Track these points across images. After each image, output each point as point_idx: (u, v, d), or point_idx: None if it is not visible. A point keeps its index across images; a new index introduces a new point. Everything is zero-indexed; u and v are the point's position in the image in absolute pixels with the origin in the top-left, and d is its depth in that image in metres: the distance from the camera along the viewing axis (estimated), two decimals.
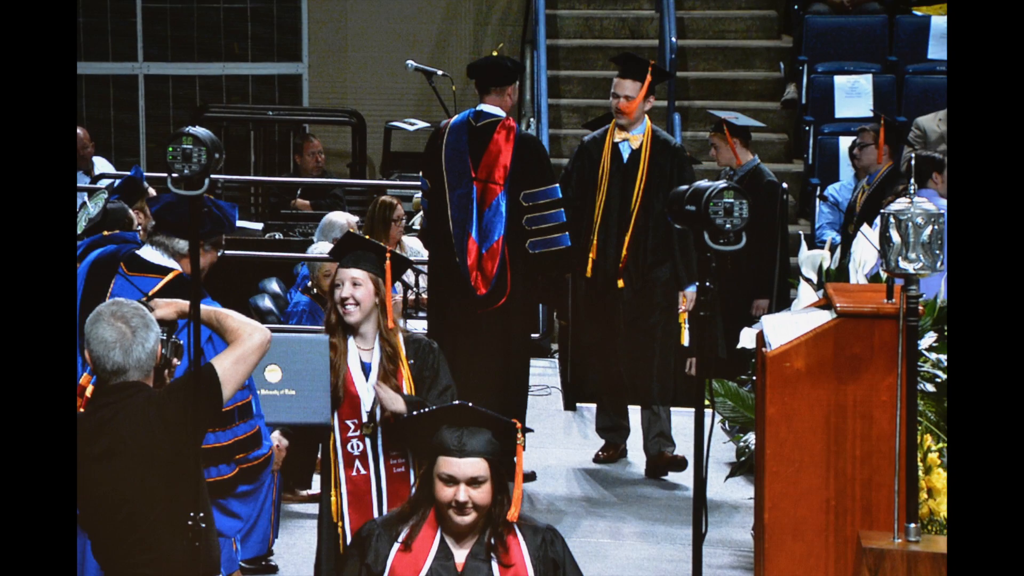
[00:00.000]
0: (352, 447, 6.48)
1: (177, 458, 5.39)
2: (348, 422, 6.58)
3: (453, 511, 5.34)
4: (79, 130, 13.38)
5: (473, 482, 5.34)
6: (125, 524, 5.40)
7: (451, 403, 5.74)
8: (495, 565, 5.39)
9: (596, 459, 9.60)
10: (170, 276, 6.57)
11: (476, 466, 5.35)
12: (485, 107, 9.03)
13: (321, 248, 10.62)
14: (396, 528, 5.45)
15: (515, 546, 5.42)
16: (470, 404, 5.50)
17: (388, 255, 6.58)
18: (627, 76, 9.21)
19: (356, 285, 6.52)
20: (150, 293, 6.42)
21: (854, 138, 11.90)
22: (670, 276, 9.19)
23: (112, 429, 5.38)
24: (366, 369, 6.57)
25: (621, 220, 9.17)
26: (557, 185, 9.11)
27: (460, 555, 5.40)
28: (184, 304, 5.68)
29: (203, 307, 5.62)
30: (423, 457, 5.56)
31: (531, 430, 5.63)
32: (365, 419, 6.57)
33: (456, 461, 5.35)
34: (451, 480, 5.34)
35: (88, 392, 5.60)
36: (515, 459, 5.43)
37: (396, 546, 5.42)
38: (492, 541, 5.39)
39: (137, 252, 6.72)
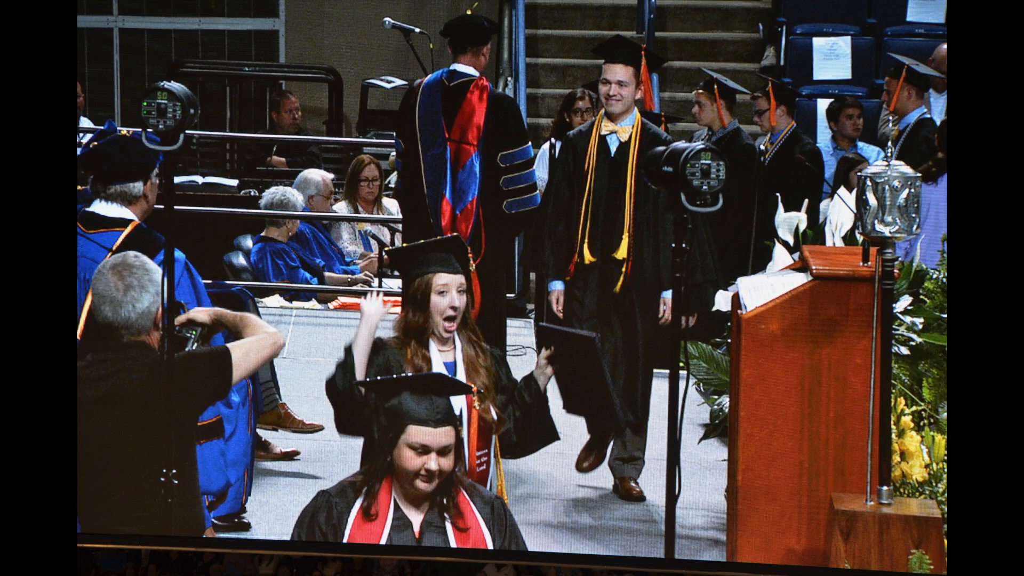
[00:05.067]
0: None
1: (175, 423, 5.42)
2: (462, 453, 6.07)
3: (420, 479, 5.35)
4: None
5: (444, 451, 5.36)
6: (115, 480, 5.42)
7: (427, 372, 5.71)
8: (450, 531, 5.42)
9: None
10: (130, 228, 6.60)
11: (449, 435, 5.37)
12: (459, 67, 8.98)
13: (277, 194, 10.64)
14: (351, 498, 5.46)
15: (468, 510, 5.45)
16: (444, 373, 5.51)
17: (471, 255, 6.40)
18: (618, 60, 8.38)
19: (462, 292, 6.24)
20: (113, 248, 6.44)
21: (831, 100, 11.92)
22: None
23: (116, 381, 5.40)
24: (449, 370, 6.24)
25: (609, 218, 8.40)
26: (530, 145, 9.05)
27: (416, 522, 5.42)
28: (221, 312, 5.75)
29: (229, 312, 5.71)
30: (388, 426, 5.51)
31: (481, 391, 5.64)
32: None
33: (431, 431, 5.35)
34: (424, 449, 5.34)
35: None
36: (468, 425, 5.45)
37: (354, 515, 5.43)
38: (445, 502, 5.41)
39: (89, 209, 6.73)
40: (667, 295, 8.32)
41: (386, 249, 6.77)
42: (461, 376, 6.20)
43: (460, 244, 6.34)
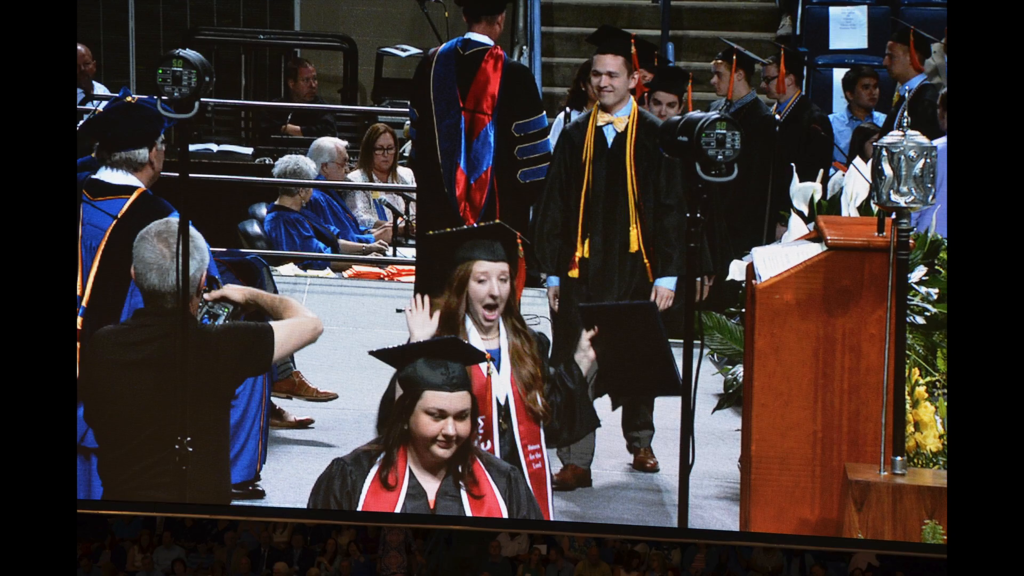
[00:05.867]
0: (482, 444, 6.05)
1: (213, 394, 5.48)
2: (479, 417, 5.98)
3: (438, 445, 5.37)
4: (80, 47, 13.27)
5: (460, 416, 5.38)
6: (147, 444, 5.48)
7: (440, 337, 5.73)
8: (465, 500, 5.45)
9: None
10: (135, 195, 6.62)
11: (464, 399, 5.40)
12: (473, 35, 8.97)
13: (291, 163, 10.64)
14: (366, 466, 5.49)
15: (483, 478, 5.47)
16: (454, 337, 5.53)
17: (520, 242, 6.23)
18: (607, 51, 8.27)
19: (504, 281, 6.17)
20: (119, 215, 6.47)
21: (847, 70, 11.90)
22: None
23: (159, 346, 5.45)
24: (494, 357, 6.14)
25: (609, 211, 8.27)
26: (544, 114, 9.02)
27: (431, 492, 5.45)
28: (257, 292, 5.85)
29: (266, 294, 5.78)
30: (404, 393, 5.51)
31: (493, 359, 5.65)
32: (496, 411, 6.14)
33: (447, 396, 5.38)
34: (441, 414, 5.37)
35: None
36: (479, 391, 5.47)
37: (368, 483, 5.46)
38: (460, 470, 5.44)
39: (95, 177, 6.75)
40: (661, 284, 8.21)
41: (428, 233, 6.65)
42: (506, 365, 6.16)
43: (505, 232, 6.25)
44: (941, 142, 8.35)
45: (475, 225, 6.46)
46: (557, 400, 6.21)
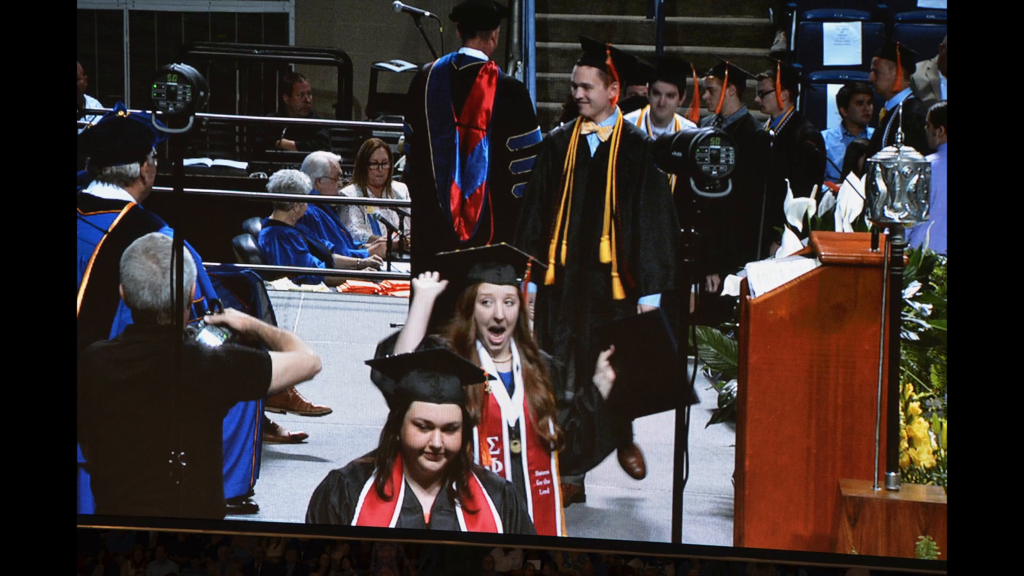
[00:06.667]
0: (492, 467, 6.07)
1: (206, 409, 5.48)
2: (489, 439, 6.10)
3: (425, 456, 5.38)
4: None
5: (448, 428, 5.39)
6: (140, 461, 5.48)
7: (431, 348, 5.74)
8: (460, 515, 5.45)
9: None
10: (125, 209, 6.62)
11: (452, 412, 5.40)
12: (468, 51, 8.98)
13: (285, 177, 10.64)
14: (362, 479, 5.49)
15: (478, 492, 5.47)
16: (449, 350, 5.53)
17: (529, 264, 6.23)
18: (582, 63, 8.28)
19: (511, 304, 6.15)
20: (110, 230, 6.46)
21: (841, 86, 11.92)
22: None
23: (152, 363, 5.44)
24: (504, 381, 6.17)
25: (587, 220, 8.25)
26: (539, 129, 9.04)
27: (427, 507, 5.45)
28: (258, 324, 5.81)
29: (268, 326, 5.76)
30: (395, 404, 5.54)
31: (494, 378, 5.64)
32: (507, 435, 6.13)
33: (433, 407, 5.38)
34: (427, 425, 5.38)
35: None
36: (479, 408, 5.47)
37: (364, 496, 5.46)
38: (455, 487, 5.44)
39: (85, 191, 6.75)
40: (644, 303, 8.16)
41: (438, 254, 6.59)
42: (519, 390, 6.15)
43: (511, 254, 6.23)
44: (931, 158, 8.39)
45: (484, 247, 6.38)
46: (578, 424, 6.17)
